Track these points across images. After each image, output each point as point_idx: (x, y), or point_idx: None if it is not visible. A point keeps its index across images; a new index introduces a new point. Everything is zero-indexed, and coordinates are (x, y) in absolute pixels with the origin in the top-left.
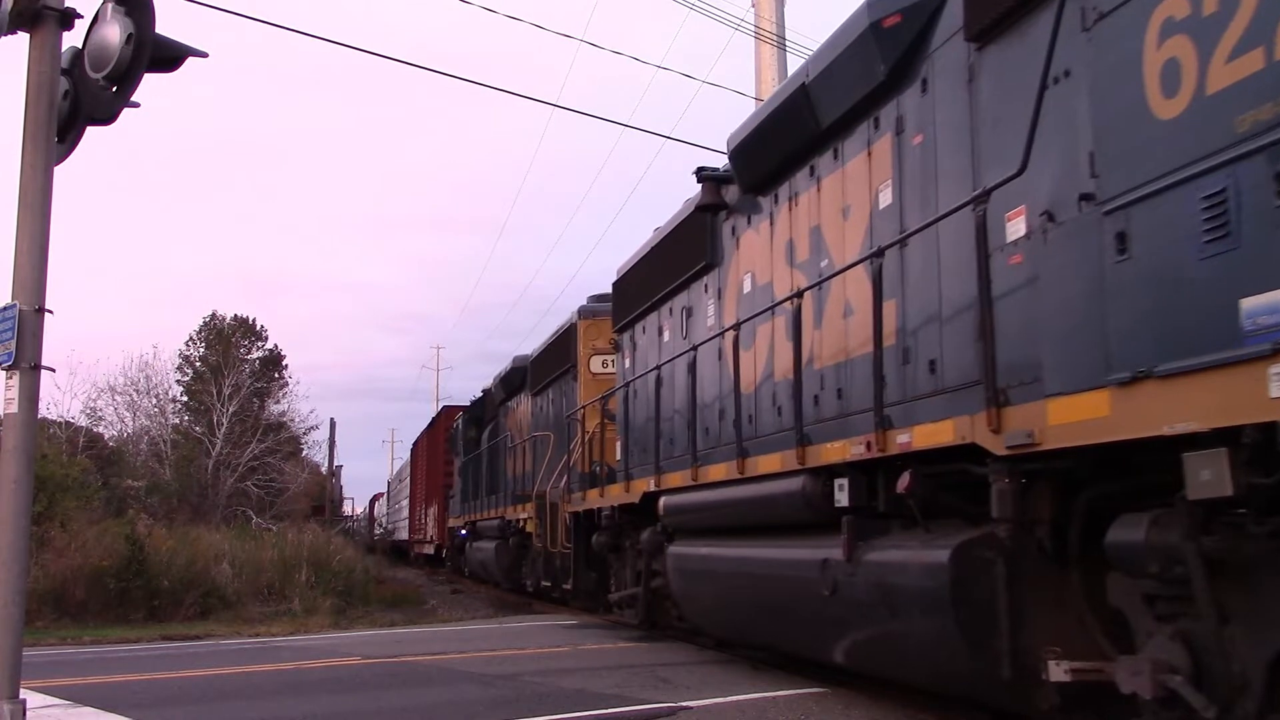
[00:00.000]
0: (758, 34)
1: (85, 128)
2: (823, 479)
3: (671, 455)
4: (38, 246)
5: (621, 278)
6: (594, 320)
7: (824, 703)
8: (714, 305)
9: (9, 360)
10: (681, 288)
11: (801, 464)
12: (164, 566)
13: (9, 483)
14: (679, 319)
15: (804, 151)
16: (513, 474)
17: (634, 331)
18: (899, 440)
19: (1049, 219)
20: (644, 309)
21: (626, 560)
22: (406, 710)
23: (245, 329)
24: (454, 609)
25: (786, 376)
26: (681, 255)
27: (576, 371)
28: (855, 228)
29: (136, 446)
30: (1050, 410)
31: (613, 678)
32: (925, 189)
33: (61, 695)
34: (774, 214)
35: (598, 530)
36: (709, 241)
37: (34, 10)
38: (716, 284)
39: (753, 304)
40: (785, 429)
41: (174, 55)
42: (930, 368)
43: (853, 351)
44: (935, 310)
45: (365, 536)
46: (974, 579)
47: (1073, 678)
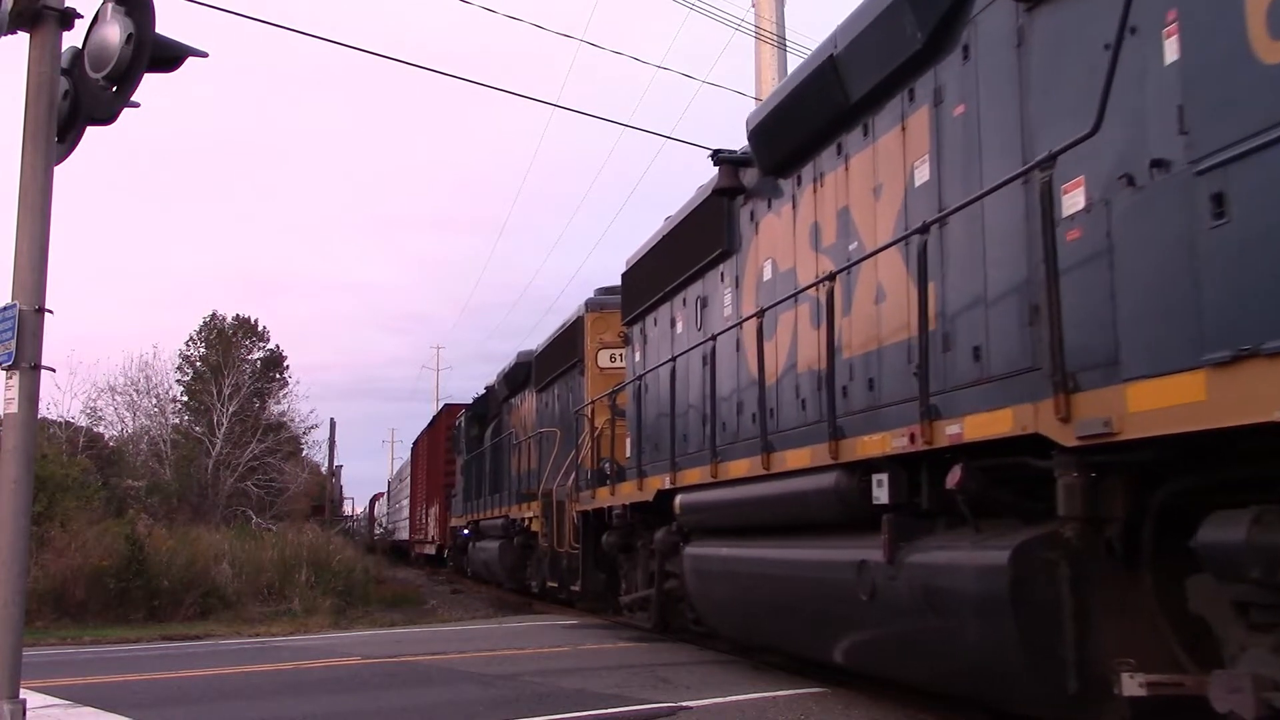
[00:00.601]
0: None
1: (85, 128)
2: (858, 475)
3: (688, 451)
4: (38, 246)
5: (631, 268)
6: (602, 313)
7: (824, 703)
8: (731, 294)
9: (9, 360)
10: (696, 277)
11: (835, 459)
12: (164, 566)
13: (9, 483)
14: (693, 310)
15: (831, 129)
16: (517, 472)
17: (644, 324)
18: (948, 432)
19: (1128, 182)
20: (655, 300)
21: (638, 561)
22: (406, 710)
23: (246, 329)
24: (454, 609)
25: (811, 367)
26: (696, 243)
27: (583, 366)
28: (888, 207)
29: (136, 446)
30: (1131, 396)
31: (613, 678)
32: (967, 163)
33: (61, 695)
34: (797, 196)
35: (608, 530)
36: (726, 227)
37: (34, 10)
38: (734, 272)
39: (773, 292)
40: (810, 422)
41: (174, 55)
42: (974, 355)
43: (885, 339)
44: (979, 293)
45: (365, 536)
46: (1036, 582)
47: (1149, 692)
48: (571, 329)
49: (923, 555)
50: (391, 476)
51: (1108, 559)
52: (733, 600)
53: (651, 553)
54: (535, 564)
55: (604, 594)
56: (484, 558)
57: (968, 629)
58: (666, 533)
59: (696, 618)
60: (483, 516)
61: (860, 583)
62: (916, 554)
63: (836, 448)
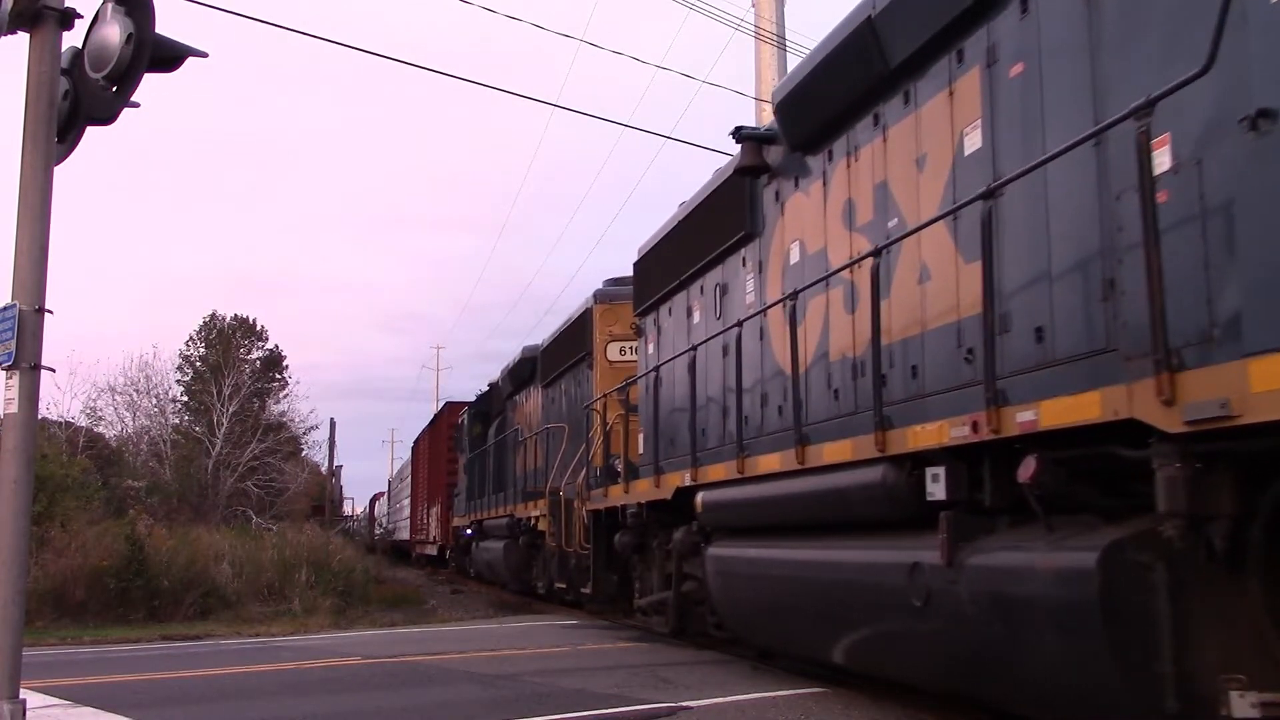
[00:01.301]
0: (758, 34)
1: (85, 128)
2: (907, 468)
3: (708, 446)
4: (38, 246)
5: (644, 257)
6: (611, 305)
7: (824, 703)
8: (754, 279)
9: (9, 360)
10: (715, 263)
11: (881, 451)
12: (164, 566)
13: (9, 483)
14: (712, 297)
15: (867, 98)
16: (522, 470)
17: (658, 314)
18: (1019, 419)
19: (1250, 127)
20: (670, 289)
21: (653, 562)
22: (406, 710)
23: (246, 329)
24: (454, 609)
25: (845, 355)
26: (715, 227)
27: (592, 360)
28: (933, 180)
29: (136, 446)
30: (1254, 373)
31: (613, 678)
32: (1027, 127)
33: (61, 695)
34: (828, 173)
35: (621, 529)
36: (748, 209)
37: (34, 10)
38: (757, 256)
39: (801, 275)
40: (845, 413)
41: (174, 55)
42: (1036, 336)
43: (930, 323)
44: (1043, 268)
45: (365, 536)
46: (1129, 587)
47: (1264, 713)
48: (579, 321)
49: (988, 557)
50: (392, 476)
51: (1208, 562)
52: (761, 605)
53: (668, 553)
54: (542, 564)
55: (616, 596)
56: (488, 558)
57: (1044, 641)
58: (686, 532)
59: (718, 622)
60: (486, 516)
61: (912, 587)
62: (980, 555)
63: (884, 439)
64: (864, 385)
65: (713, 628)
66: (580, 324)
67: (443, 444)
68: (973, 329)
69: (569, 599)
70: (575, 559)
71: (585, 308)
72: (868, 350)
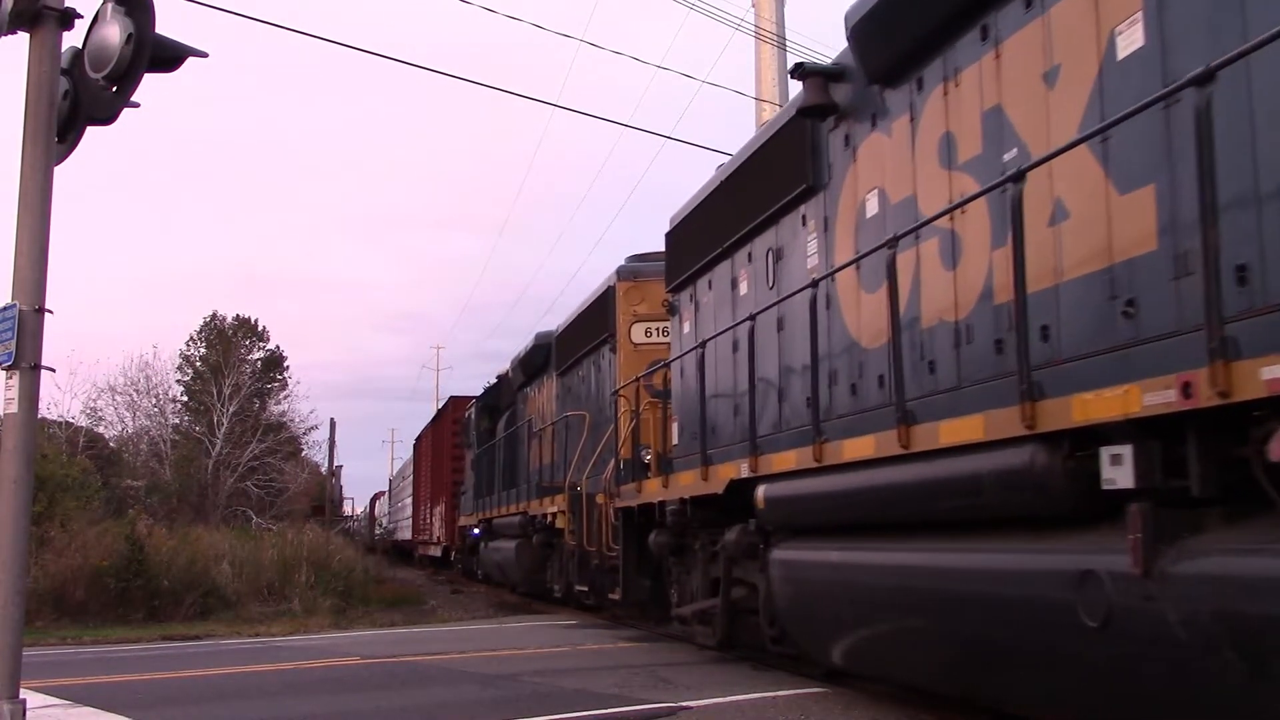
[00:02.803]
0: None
1: (85, 128)
2: (1064, 449)
3: (763, 433)
4: (38, 246)
5: (677, 226)
6: (635, 282)
7: (824, 703)
8: (817, 240)
9: (9, 360)
10: (767, 225)
11: (1030, 427)
12: (164, 566)
13: (9, 483)
14: (763, 264)
15: (972, 9)
16: (537, 464)
17: (695, 289)
18: (1267, 375)
19: None
20: (710, 259)
21: (694, 565)
22: (406, 710)
23: (246, 329)
24: (454, 609)
25: (944, 319)
26: (767, 184)
27: (615, 343)
28: (1070, 95)
29: (136, 446)
30: None
31: (613, 678)
32: (1213, 12)
33: (61, 695)
34: (917, 105)
35: (656, 528)
36: (810, 159)
37: (34, 10)
38: (821, 212)
39: (881, 229)
40: (946, 389)
41: (174, 55)
42: (1238, 277)
43: (1069, 271)
44: (1247, 188)
45: (366, 536)
46: None
47: None
48: (600, 302)
49: (1210, 563)
50: (393, 475)
51: None
52: (846, 619)
53: (712, 556)
54: (558, 565)
55: (648, 603)
56: (498, 559)
57: None
58: (741, 532)
59: (776, 635)
60: (496, 514)
61: (1085, 602)
62: (1195, 561)
63: (1033, 412)
64: (973, 354)
65: (770, 641)
66: (601, 304)
67: (447, 440)
68: (1132, 275)
69: (589, 603)
70: (599, 560)
71: (607, 286)
72: (978, 311)
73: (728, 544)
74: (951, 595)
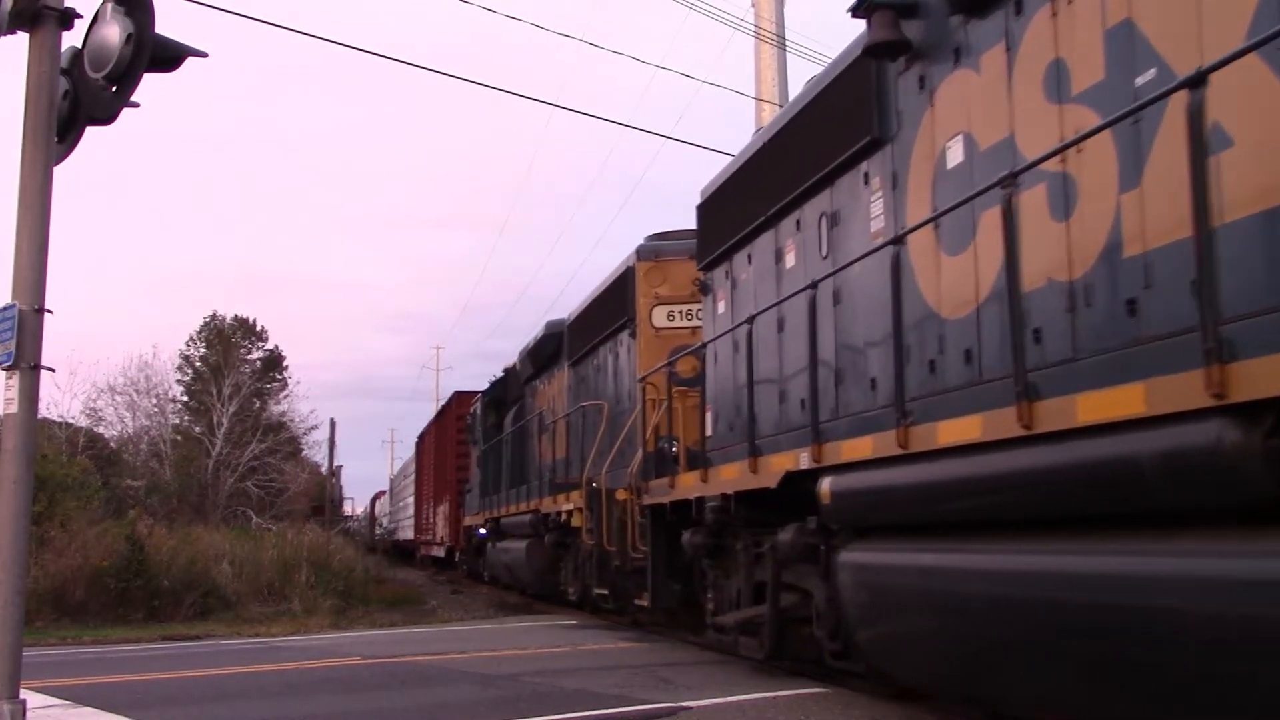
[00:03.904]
0: (758, 34)
1: (85, 128)
2: (1267, 425)
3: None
4: (38, 246)
5: (710, 199)
6: (657, 262)
7: (824, 703)
8: (884, 199)
9: (9, 360)
10: (820, 187)
11: (1220, 396)
12: (164, 566)
13: (9, 483)
14: (815, 232)
15: None
16: (551, 458)
17: (731, 264)
18: None
19: None
20: (750, 231)
21: (736, 568)
22: (406, 710)
23: (246, 329)
24: (454, 609)
25: (1052, 278)
26: (820, 140)
27: (635, 328)
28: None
29: (136, 446)
30: None
31: (613, 678)
32: None
33: (61, 695)
34: (1015, 32)
35: (691, 527)
36: (875, 108)
37: (34, 10)
38: (888, 167)
39: (968, 180)
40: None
41: (174, 55)
42: None
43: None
44: None
45: (366, 536)
46: None
47: None
48: (617, 285)
49: None
50: (394, 474)
51: None
52: (945, 637)
53: (756, 558)
54: (574, 567)
55: (679, 609)
56: (506, 560)
57: None
58: (798, 532)
59: (840, 649)
60: (504, 513)
61: None
62: None
63: (1223, 377)
64: (1092, 319)
65: (829, 655)
66: (619, 287)
67: (451, 437)
68: None
69: (607, 607)
70: (620, 561)
71: (626, 266)
72: (1101, 268)
73: (781, 545)
74: (1114, 611)
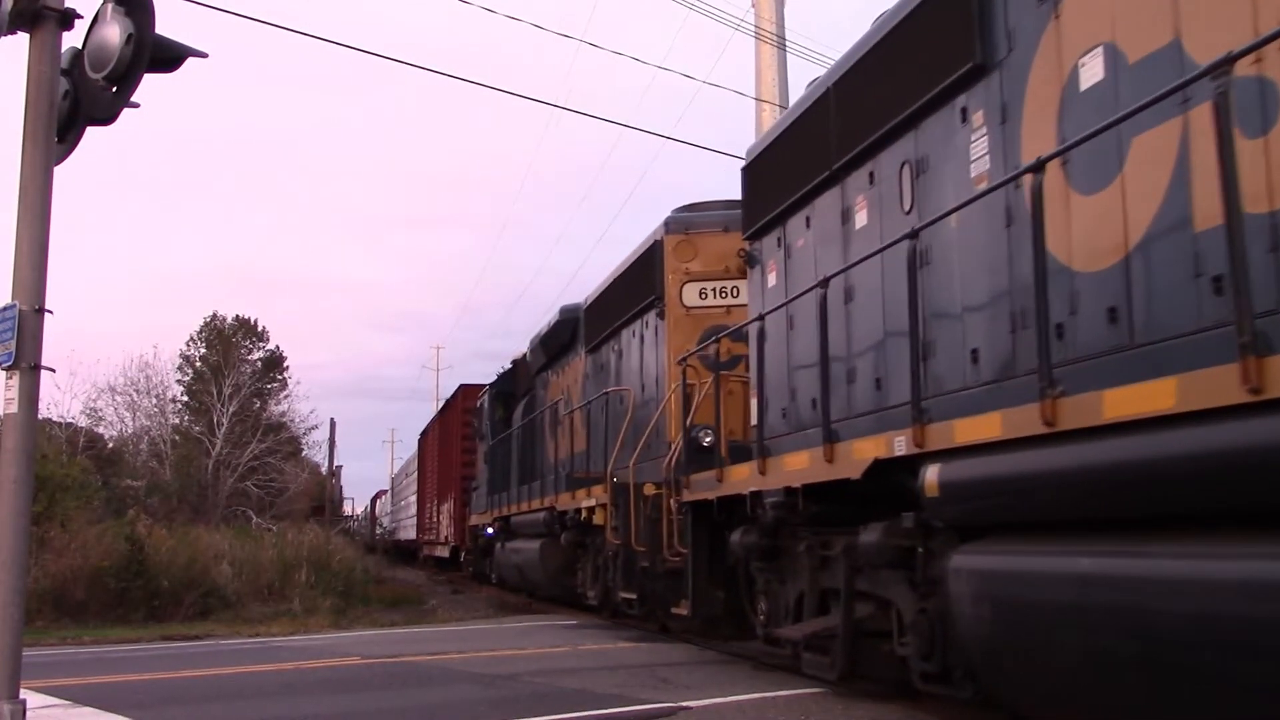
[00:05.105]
0: (758, 34)
1: (85, 128)
2: None
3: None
4: (38, 246)
5: (758, 159)
6: (687, 236)
7: (824, 703)
8: (988, 135)
9: (9, 360)
10: (899, 132)
11: None
12: (164, 566)
13: (9, 483)
14: (893, 185)
15: None
16: (567, 452)
17: (783, 231)
18: None
19: None
20: (807, 191)
21: (794, 573)
22: (406, 710)
23: (246, 329)
24: (454, 609)
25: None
26: (901, 78)
27: (663, 307)
28: None
29: (136, 446)
30: None
31: (613, 678)
32: None
33: (61, 695)
34: None
35: (743, 527)
36: (975, 29)
37: (34, 10)
38: (996, 98)
39: (1108, 102)
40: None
41: (174, 55)
42: None
43: None
44: None
45: (366, 536)
46: None
47: None
48: (643, 262)
49: None
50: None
51: None
52: (1117, 668)
53: (821, 562)
54: (593, 568)
55: (722, 619)
56: (517, 560)
57: None
58: (887, 532)
59: (939, 671)
60: (515, 511)
61: None
62: None
63: None
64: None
65: (921, 679)
66: (645, 263)
67: (456, 432)
68: None
69: (632, 613)
70: (649, 563)
71: (652, 240)
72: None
73: (864, 547)
74: None
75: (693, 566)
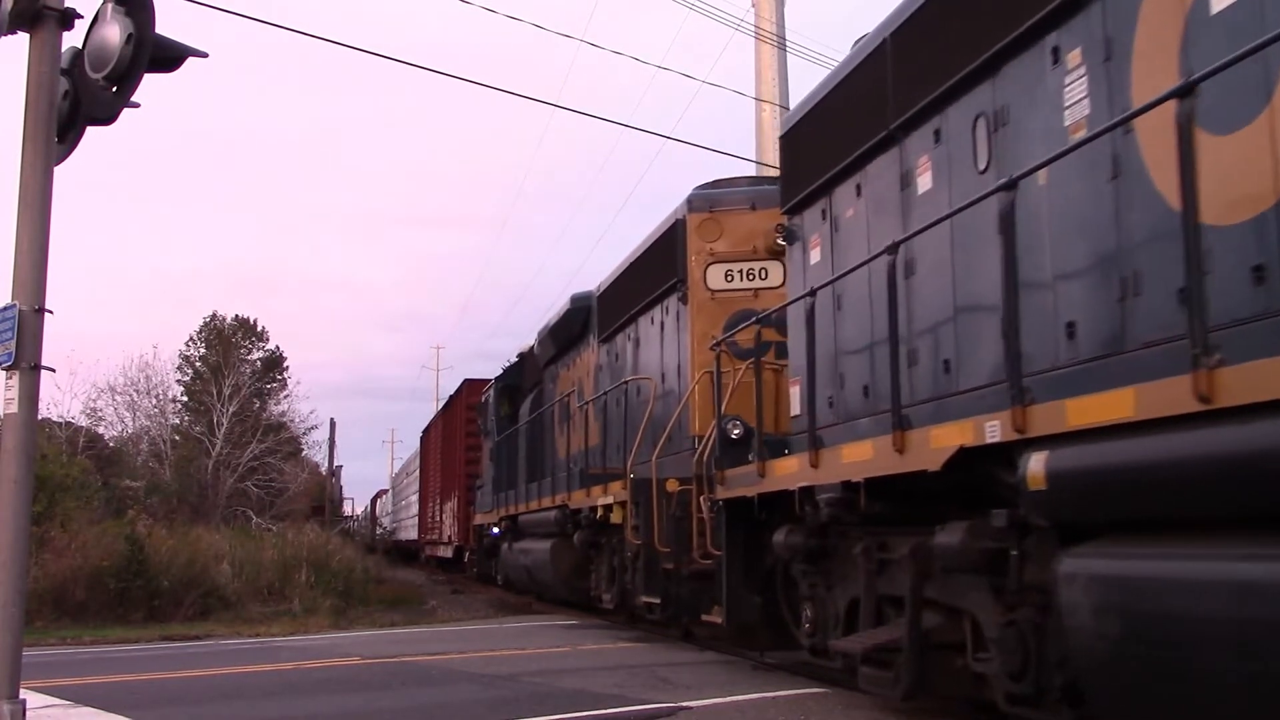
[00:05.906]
0: (758, 34)
1: (85, 128)
2: None
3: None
4: (38, 246)
5: (798, 126)
6: (711, 214)
7: (824, 703)
8: (1086, 78)
9: (9, 360)
10: (975, 80)
11: None
12: (164, 566)
13: (9, 483)
14: (965, 141)
15: None
16: (580, 447)
17: (829, 201)
18: None
19: None
20: (858, 156)
21: (846, 578)
22: (406, 710)
23: (246, 329)
24: (454, 609)
25: None
26: (976, 18)
27: (686, 290)
28: None
29: (136, 447)
30: None
31: (613, 678)
32: None
33: (61, 695)
34: None
35: (784, 526)
36: None
37: (34, 10)
38: (1097, 32)
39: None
40: None
41: (174, 55)
42: None
43: None
44: None
45: (366, 536)
46: None
47: None
48: (664, 242)
49: None
50: (395, 473)
51: None
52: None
53: (880, 566)
54: (610, 570)
55: (758, 627)
56: (526, 561)
57: None
58: (970, 532)
59: (1032, 693)
60: (523, 510)
61: None
62: None
63: None
64: None
65: (1007, 699)
66: (665, 245)
67: (459, 429)
68: None
69: (653, 618)
70: (674, 565)
71: (674, 220)
72: None
73: (944, 549)
74: None
75: (727, 570)
